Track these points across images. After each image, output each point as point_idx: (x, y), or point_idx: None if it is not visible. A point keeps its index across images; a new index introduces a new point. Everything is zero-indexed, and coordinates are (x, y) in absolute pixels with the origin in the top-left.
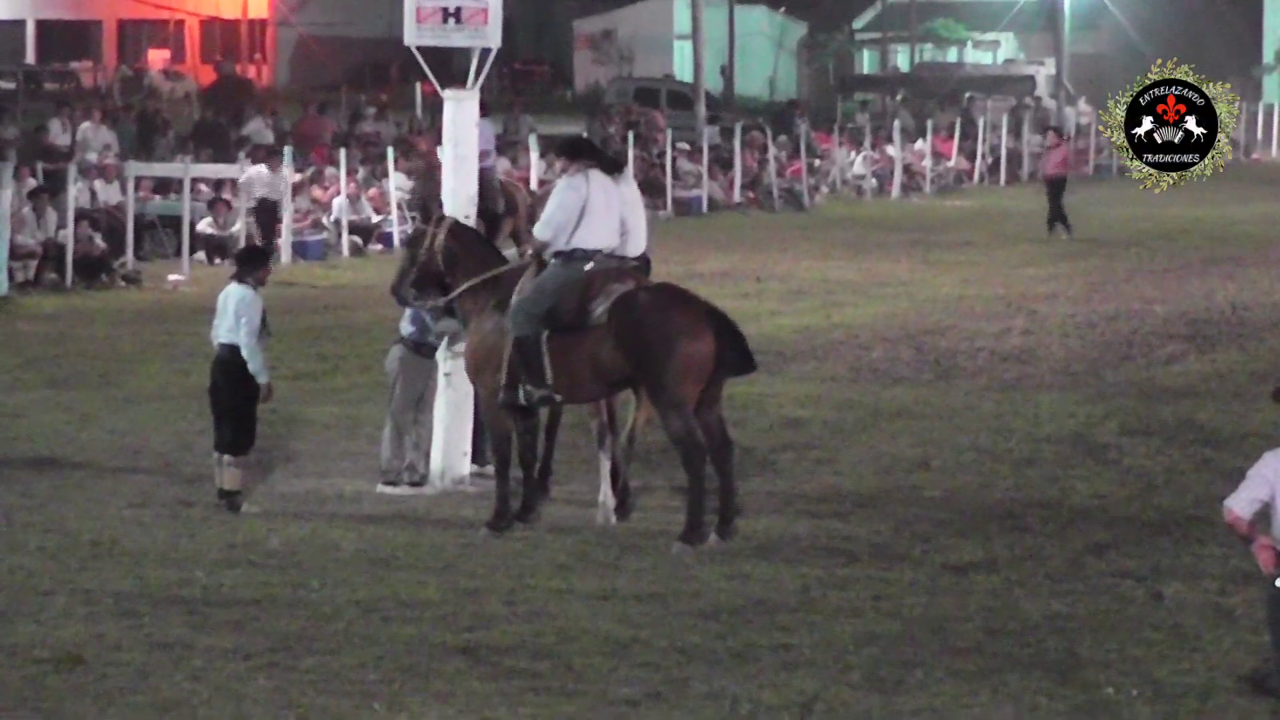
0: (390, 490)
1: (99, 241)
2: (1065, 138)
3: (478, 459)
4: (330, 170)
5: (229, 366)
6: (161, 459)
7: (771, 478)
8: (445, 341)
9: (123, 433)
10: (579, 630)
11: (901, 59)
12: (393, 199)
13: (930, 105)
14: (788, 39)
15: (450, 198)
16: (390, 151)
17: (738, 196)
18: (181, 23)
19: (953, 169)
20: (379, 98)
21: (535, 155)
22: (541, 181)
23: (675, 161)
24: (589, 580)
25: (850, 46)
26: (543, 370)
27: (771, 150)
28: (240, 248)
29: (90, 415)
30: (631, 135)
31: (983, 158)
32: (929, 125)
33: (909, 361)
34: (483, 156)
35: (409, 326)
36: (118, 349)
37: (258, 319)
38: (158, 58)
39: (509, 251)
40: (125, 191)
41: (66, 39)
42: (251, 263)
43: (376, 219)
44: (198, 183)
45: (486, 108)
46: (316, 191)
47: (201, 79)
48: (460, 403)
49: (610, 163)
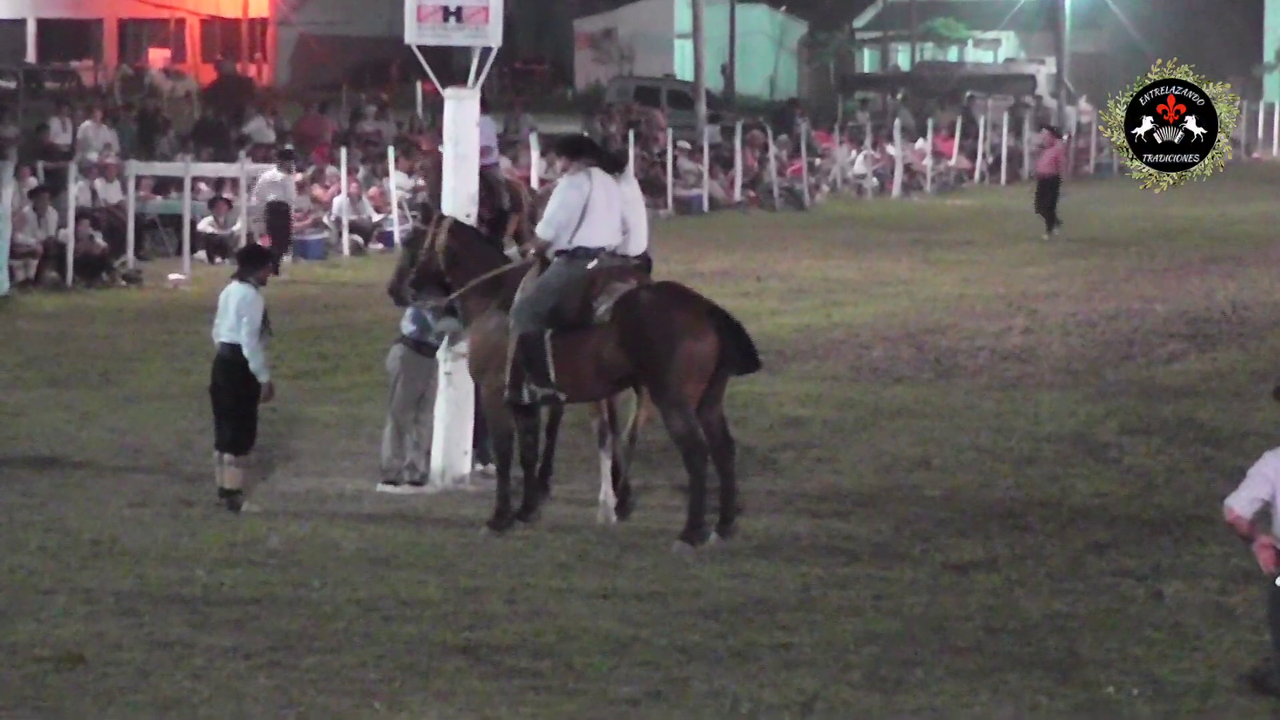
0: (391, 489)
1: (100, 240)
2: (1059, 136)
3: (480, 458)
4: (331, 169)
5: (230, 365)
6: (162, 458)
7: (772, 477)
8: (446, 341)
9: (123, 432)
10: (579, 629)
11: (902, 58)
12: (393, 198)
13: (931, 104)
14: (788, 38)
15: (450, 197)
16: (391, 151)
17: (738, 195)
18: (182, 22)
19: (953, 168)
20: (379, 97)
21: (536, 154)
22: (542, 180)
23: (676, 160)
24: (589, 579)
25: (851, 45)
26: (546, 369)
27: (772, 149)
28: (241, 247)
29: (91, 414)
30: (632, 134)
31: (983, 157)
32: (930, 124)
33: (909, 360)
34: (486, 153)
35: (410, 325)
36: (118, 348)
37: (259, 318)
38: (158, 57)
39: (510, 250)
40: (126, 190)
41: (67, 38)
42: (253, 262)
43: (377, 218)
44: (198, 182)
45: (487, 106)
46: (317, 191)
47: (202, 78)
48: (461, 402)
49: (611, 161)
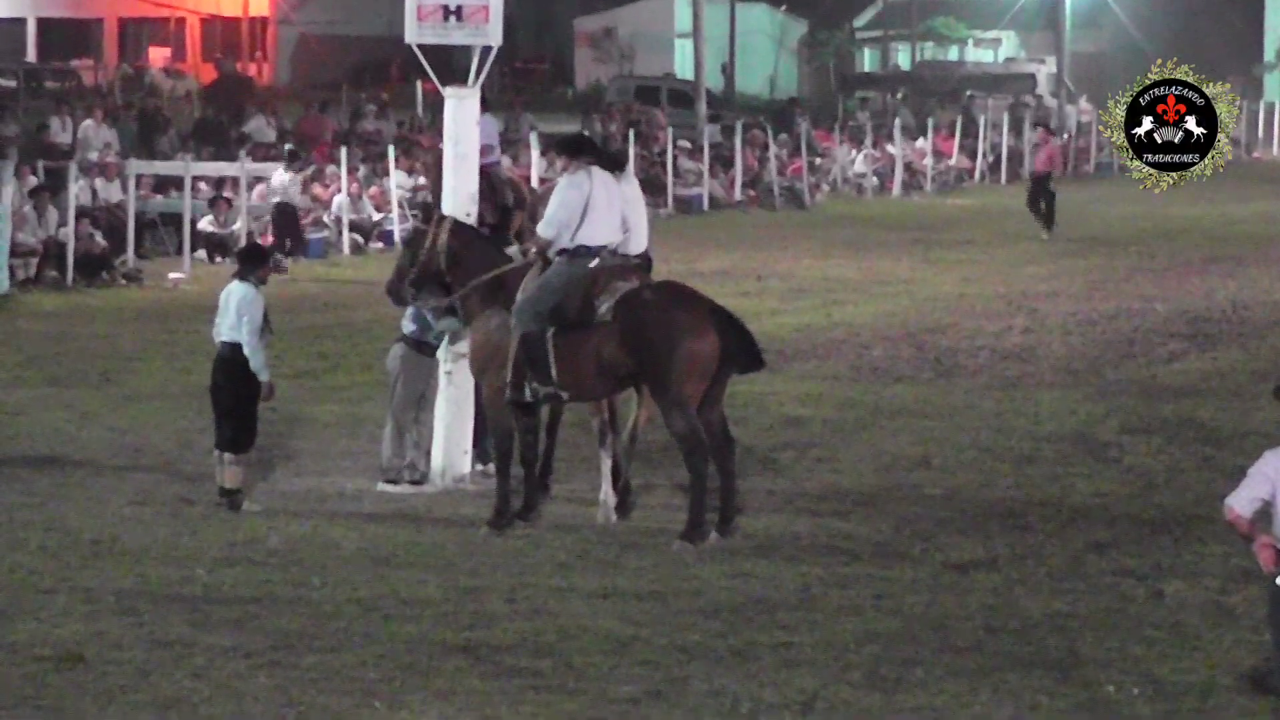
0: (391, 488)
1: (100, 239)
2: (1054, 134)
3: (480, 457)
4: (331, 168)
5: (230, 365)
6: (162, 457)
7: (772, 476)
8: (446, 340)
9: (123, 431)
10: (579, 628)
11: (902, 57)
12: (393, 197)
13: (931, 103)
14: (789, 37)
15: (450, 196)
16: (391, 150)
17: (738, 195)
18: (182, 21)
19: (954, 167)
20: (380, 96)
21: (536, 153)
22: (542, 180)
23: (676, 160)
24: (590, 578)
25: (851, 45)
26: (548, 368)
27: (772, 148)
28: (241, 246)
29: (91, 413)
30: (632, 133)
31: (984, 156)
32: (930, 123)
33: (910, 360)
34: (487, 152)
35: (410, 325)
36: (118, 347)
37: (259, 317)
38: (158, 56)
39: (510, 250)
40: (126, 190)
41: (67, 37)
42: (253, 260)
43: (377, 217)
44: (198, 181)
45: (488, 105)
46: (317, 190)
47: (202, 77)
48: (461, 401)
49: (611, 161)
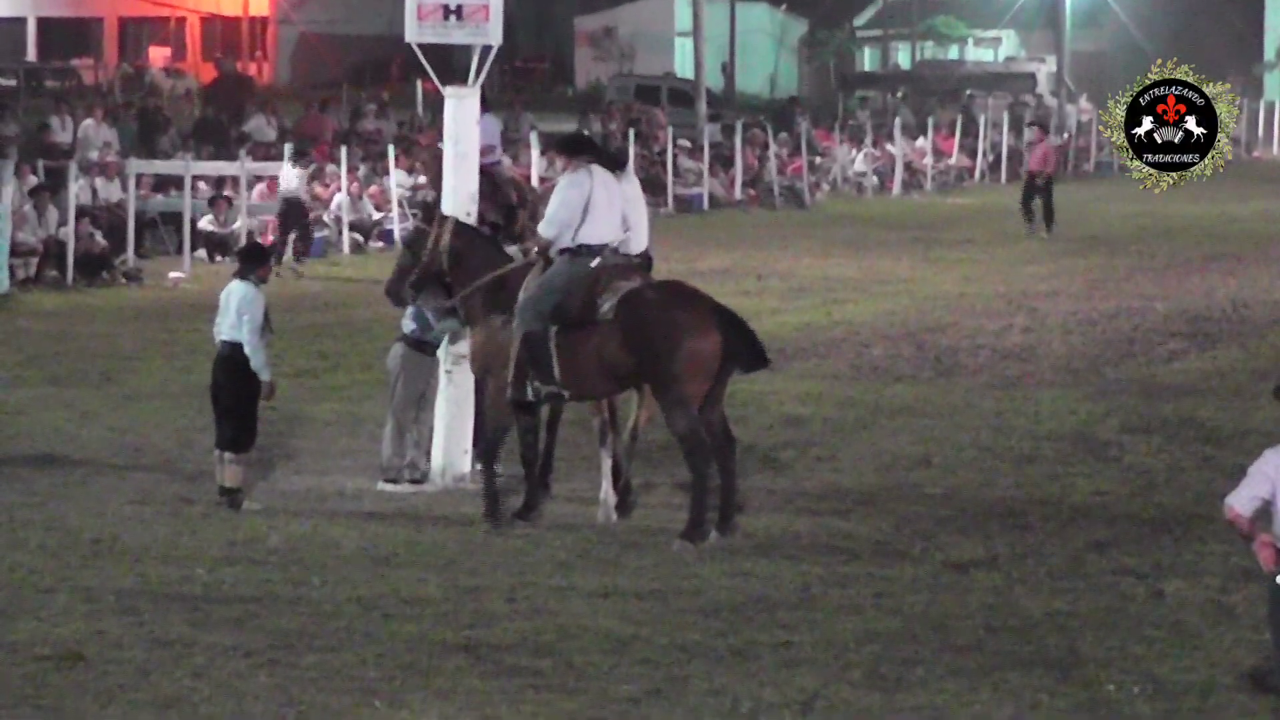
0: (391, 488)
1: (100, 239)
2: (1048, 134)
3: (480, 457)
4: (331, 168)
5: (230, 364)
6: (162, 456)
7: (772, 475)
8: (446, 339)
9: (123, 430)
10: (580, 628)
11: (903, 56)
12: (394, 196)
13: (931, 102)
14: (789, 36)
15: (450, 195)
16: (391, 149)
17: (739, 194)
18: (183, 20)
19: (954, 166)
20: (380, 95)
21: (536, 152)
22: (542, 179)
23: (676, 159)
24: (590, 578)
25: (851, 44)
26: (550, 367)
27: (772, 148)
28: (242, 245)
29: (91, 413)
30: (632, 133)
31: (984, 155)
32: (930, 123)
33: (910, 359)
34: (490, 152)
35: (410, 324)
36: (118, 346)
37: (260, 316)
38: (159, 55)
39: (511, 249)
40: (126, 189)
41: (67, 36)
42: (254, 260)
43: (377, 216)
44: (198, 180)
45: (489, 105)
46: (318, 189)
47: (202, 76)
48: (461, 400)
49: (611, 160)
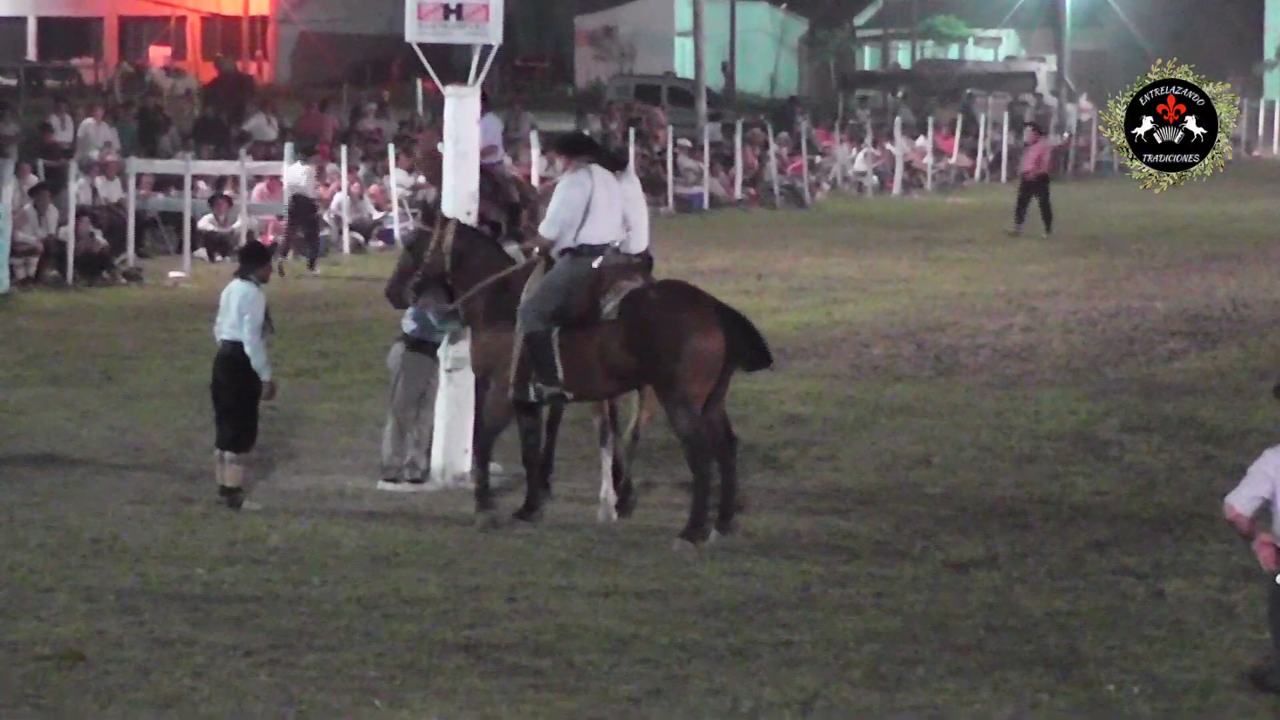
0: (391, 487)
1: (100, 238)
2: (1042, 134)
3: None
4: (331, 167)
5: (231, 363)
6: (162, 456)
7: (772, 474)
8: (447, 339)
9: (124, 430)
10: (580, 627)
11: (903, 55)
12: (394, 196)
13: (931, 102)
14: (789, 35)
15: (451, 194)
16: (391, 149)
17: (739, 193)
18: (183, 19)
19: (954, 166)
20: (380, 95)
21: (536, 152)
22: (543, 178)
23: (676, 158)
24: (590, 577)
25: (851, 43)
26: (554, 367)
27: (773, 147)
28: (243, 244)
29: (91, 412)
30: (632, 132)
31: (984, 155)
32: (930, 122)
33: (910, 358)
34: (491, 152)
35: (411, 324)
36: (119, 346)
37: (261, 315)
38: (159, 54)
39: (511, 248)
40: (126, 188)
41: (68, 35)
42: (255, 259)
43: (378, 216)
44: (199, 180)
45: (490, 104)
46: (319, 188)
47: (203, 76)
48: (462, 400)
49: (611, 160)
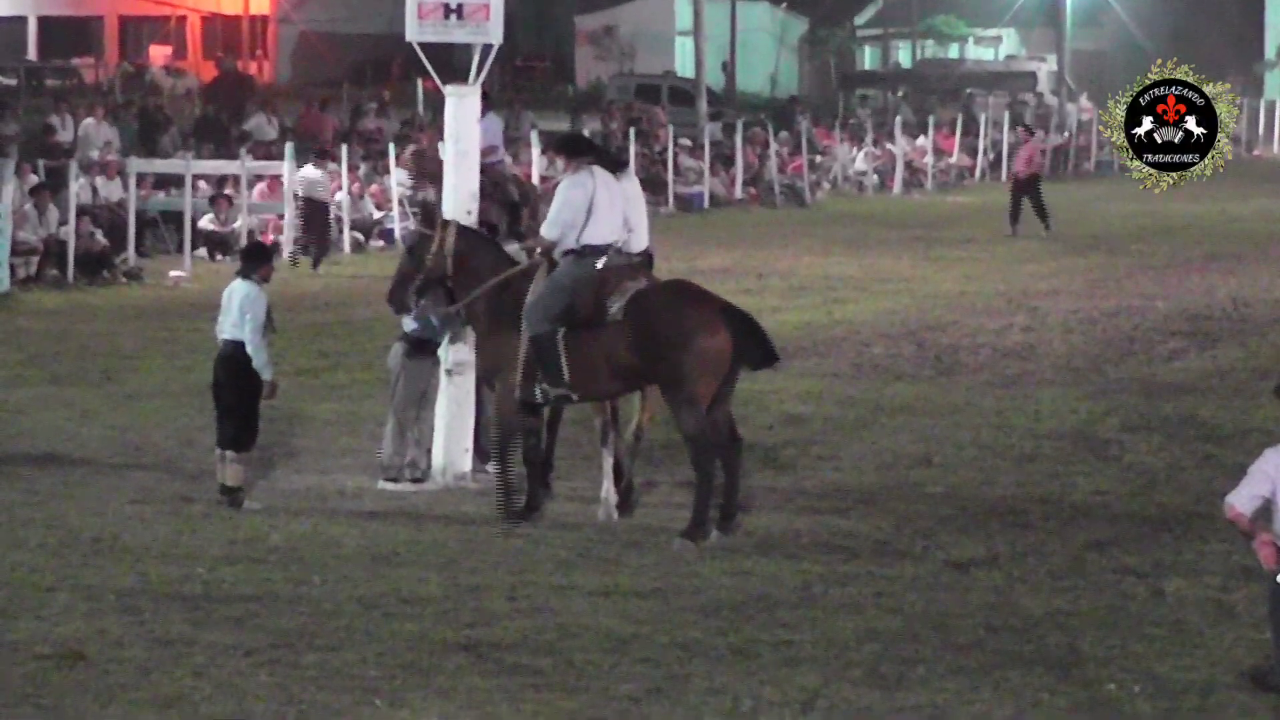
0: (392, 486)
1: (100, 238)
2: (1033, 134)
3: (479, 456)
4: (331, 166)
5: (232, 362)
6: (163, 455)
7: (773, 474)
8: (447, 338)
9: (124, 429)
10: (580, 626)
11: (903, 55)
12: (394, 195)
13: (932, 101)
14: (789, 35)
15: (451, 194)
16: (392, 148)
17: (739, 193)
18: (183, 19)
19: (954, 165)
20: (380, 94)
21: (536, 151)
22: (543, 178)
23: (677, 158)
24: (590, 576)
25: (852, 42)
26: (559, 368)
27: (773, 146)
28: (243, 244)
29: (92, 412)
30: (633, 132)
31: (984, 154)
32: (931, 121)
33: (910, 358)
34: (492, 152)
35: (411, 323)
36: (119, 345)
37: (263, 315)
38: (159, 54)
39: (511, 247)
40: (127, 188)
41: (68, 35)
42: (256, 259)
43: (378, 215)
44: (199, 179)
45: (489, 100)
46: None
47: (203, 75)
48: (462, 399)
49: (613, 161)
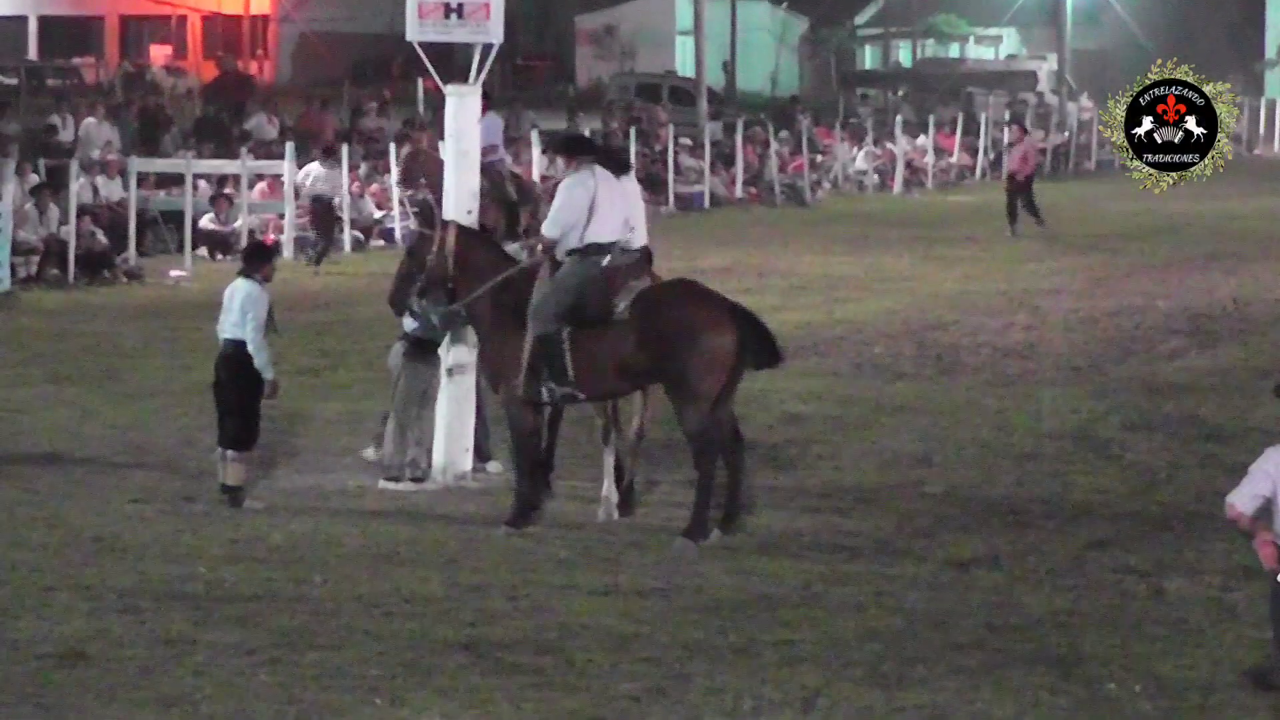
0: (392, 486)
1: (101, 237)
2: (1028, 132)
3: (478, 455)
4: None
5: (233, 362)
6: (164, 455)
7: (774, 473)
8: (448, 338)
9: (125, 428)
10: (581, 626)
11: (904, 54)
12: (394, 195)
13: (932, 100)
14: (790, 34)
15: (451, 194)
16: (393, 148)
17: (740, 192)
18: (184, 18)
19: (955, 164)
20: (381, 94)
21: (537, 151)
22: (544, 177)
23: (677, 157)
24: (591, 576)
25: (852, 42)
26: (565, 368)
27: (774, 146)
28: (243, 243)
29: (92, 411)
30: (634, 131)
31: (985, 153)
32: (931, 120)
33: (911, 357)
34: (491, 151)
35: (412, 322)
36: (120, 345)
37: (264, 314)
38: (160, 53)
39: (511, 247)
40: (127, 187)
41: (69, 35)
42: (258, 258)
43: (378, 215)
44: (199, 178)
45: (490, 100)
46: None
47: (204, 75)
48: (463, 398)
49: (616, 161)
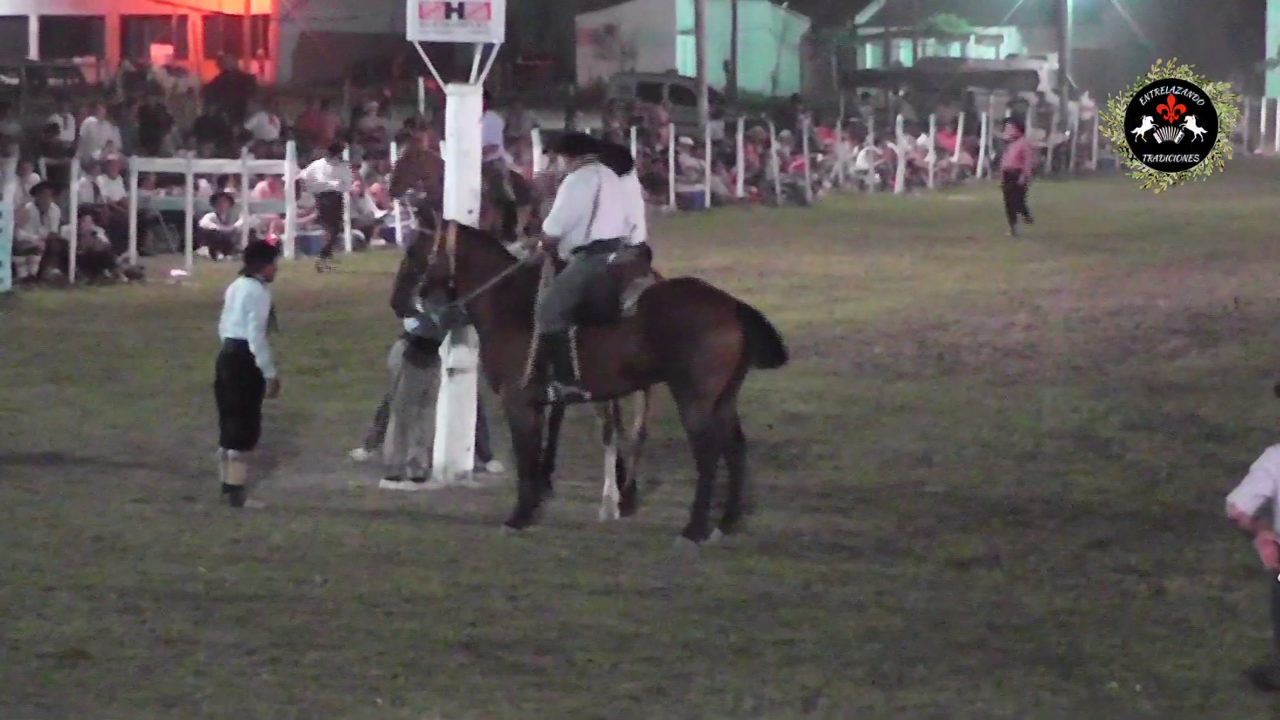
0: (393, 485)
1: (102, 237)
2: (1024, 130)
3: (480, 455)
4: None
5: (235, 361)
6: (165, 454)
7: (774, 472)
8: (449, 337)
9: (126, 428)
10: (582, 625)
11: (904, 53)
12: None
13: (933, 100)
14: (790, 34)
15: (452, 194)
16: (393, 147)
17: (740, 191)
18: (184, 18)
19: (956, 164)
20: (381, 93)
21: (538, 151)
22: (546, 174)
23: (678, 156)
24: (592, 575)
25: (853, 41)
26: (571, 366)
27: (774, 145)
28: (244, 243)
29: (93, 410)
30: (634, 130)
31: (986, 153)
32: (932, 120)
33: (911, 356)
34: (491, 150)
35: (413, 322)
36: (121, 344)
37: (266, 314)
38: (161, 53)
39: (514, 246)
40: (128, 187)
41: (69, 34)
42: (260, 257)
43: (379, 214)
44: (200, 178)
45: (490, 99)
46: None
47: (204, 74)
48: (463, 398)
49: (617, 159)
